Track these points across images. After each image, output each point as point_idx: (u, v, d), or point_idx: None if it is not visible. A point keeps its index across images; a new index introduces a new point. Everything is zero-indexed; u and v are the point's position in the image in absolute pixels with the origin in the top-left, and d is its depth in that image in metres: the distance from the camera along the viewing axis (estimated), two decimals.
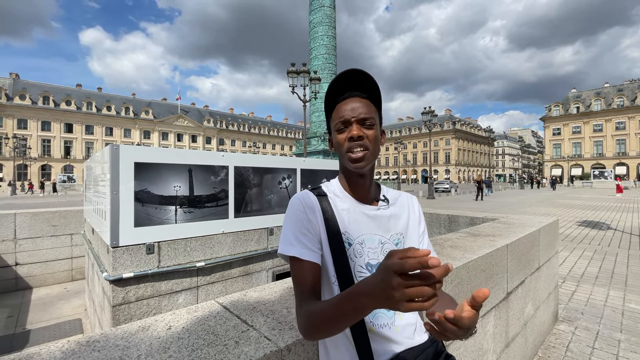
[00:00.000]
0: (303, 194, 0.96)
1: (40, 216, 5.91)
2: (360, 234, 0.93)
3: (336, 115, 0.94)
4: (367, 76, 0.91)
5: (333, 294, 0.89)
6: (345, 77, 0.91)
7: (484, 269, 2.09)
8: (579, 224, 11.15)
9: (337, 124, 0.93)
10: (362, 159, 0.91)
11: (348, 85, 0.92)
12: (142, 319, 1.14)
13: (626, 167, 61.48)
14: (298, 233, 0.89)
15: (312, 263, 0.87)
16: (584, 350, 3.12)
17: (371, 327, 0.90)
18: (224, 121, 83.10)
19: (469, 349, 1.94)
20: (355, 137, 0.90)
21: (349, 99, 0.92)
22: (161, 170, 3.09)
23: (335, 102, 0.95)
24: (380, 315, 0.93)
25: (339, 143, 0.93)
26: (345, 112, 0.92)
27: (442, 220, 4.88)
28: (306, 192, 0.97)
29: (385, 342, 0.91)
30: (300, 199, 0.94)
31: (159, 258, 3.12)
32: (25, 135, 52.88)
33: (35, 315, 4.74)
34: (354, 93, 0.93)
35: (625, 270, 5.75)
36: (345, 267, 0.89)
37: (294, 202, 0.94)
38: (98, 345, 0.96)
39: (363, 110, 0.91)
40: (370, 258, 0.93)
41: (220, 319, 1.14)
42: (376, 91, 0.95)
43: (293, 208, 0.92)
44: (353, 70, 0.90)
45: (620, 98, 63.89)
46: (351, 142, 0.91)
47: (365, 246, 0.93)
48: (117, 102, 69.44)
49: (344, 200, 0.97)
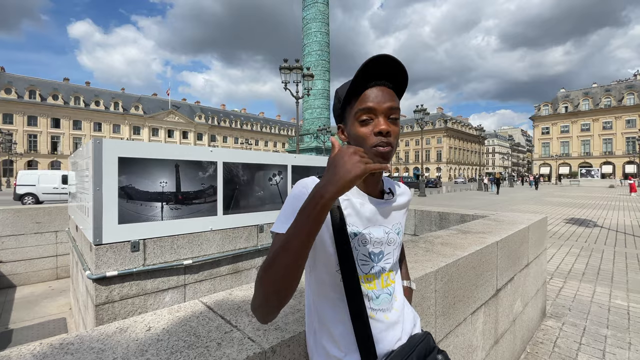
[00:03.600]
0: (310, 179, 0.89)
1: (23, 213, 5.76)
2: (366, 225, 0.91)
3: (359, 103, 0.85)
4: (398, 64, 0.84)
5: (336, 281, 0.87)
6: (377, 63, 0.82)
7: (474, 266, 2.08)
8: (567, 222, 11.34)
9: (359, 113, 0.85)
10: (387, 156, 0.86)
11: (378, 72, 0.84)
12: (121, 320, 1.09)
13: (612, 166, 62.78)
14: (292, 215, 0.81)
15: None
16: (571, 346, 3.16)
17: (371, 314, 0.89)
18: (216, 117, 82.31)
19: (459, 345, 1.94)
20: (385, 133, 0.84)
21: (376, 88, 0.85)
22: (147, 166, 3.01)
23: (358, 88, 0.86)
24: (383, 299, 0.92)
25: (362, 136, 0.86)
26: (371, 101, 0.84)
27: (432, 217, 4.89)
28: (313, 179, 0.89)
29: (387, 326, 0.91)
30: (305, 183, 0.86)
31: (144, 256, 3.05)
32: (10, 130, 51.70)
33: (18, 314, 4.62)
34: (381, 82, 0.86)
35: (612, 267, 5.86)
36: (349, 255, 0.86)
37: (300, 186, 0.85)
38: (72, 348, 0.91)
39: (392, 103, 0.86)
40: (374, 247, 0.92)
41: (203, 320, 1.11)
42: (404, 83, 0.89)
43: (299, 192, 0.84)
44: (386, 57, 0.82)
45: (608, 98, 65.10)
46: (379, 137, 0.84)
47: (372, 236, 0.91)
48: (106, 97, 68.19)
49: (352, 194, 0.93)
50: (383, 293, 0.92)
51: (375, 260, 0.92)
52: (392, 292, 0.95)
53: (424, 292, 1.61)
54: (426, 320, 1.63)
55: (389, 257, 0.96)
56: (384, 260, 0.94)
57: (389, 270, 0.96)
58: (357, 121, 0.87)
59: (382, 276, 0.94)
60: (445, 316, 1.80)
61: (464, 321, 1.98)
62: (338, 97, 0.93)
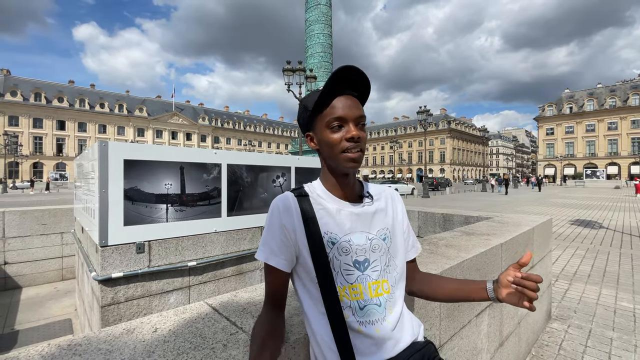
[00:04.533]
0: (281, 196, 0.94)
1: (29, 214, 5.80)
2: (346, 233, 0.92)
3: (329, 112, 0.90)
4: (362, 75, 0.89)
5: (313, 292, 0.90)
6: (344, 74, 0.87)
7: (478, 267, 2.08)
8: (572, 223, 11.25)
9: (331, 121, 0.89)
10: (358, 160, 0.91)
11: (344, 82, 0.89)
12: (128, 321, 1.10)
13: (618, 167, 62.27)
14: (272, 241, 0.90)
15: (278, 270, 0.90)
16: (576, 349, 3.14)
17: (359, 328, 0.88)
18: (219, 119, 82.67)
19: (463, 348, 1.93)
20: (356, 138, 0.89)
21: (344, 97, 0.90)
22: (152, 168, 3.03)
23: (326, 98, 0.91)
24: (371, 311, 0.90)
25: (332, 142, 0.90)
26: (341, 110, 0.89)
27: (436, 219, 4.87)
28: (285, 195, 0.94)
29: (376, 341, 0.89)
30: (276, 203, 0.93)
31: (149, 257, 3.07)
32: (16, 132, 52.19)
33: (24, 315, 4.66)
34: (347, 91, 0.91)
35: (617, 268, 5.81)
36: (325, 266, 0.88)
37: (272, 207, 0.93)
38: (80, 349, 0.92)
39: (358, 111, 0.91)
40: (357, 255, 0.92)
41: (209, 321, 1.11)
42: (367, 92, 0.94)
43: (270, 213, 0.92)
44: (351, 68, 0.87)
45: (613, 98, 64.64)
46: (349, 143, 0.89)
47: (352, 244, 0.91)
48: (111, 99, 68.74)
49: (327, 201, 0.95)
50: (371, 304, 0.90)
51: (360, 269, 0.91)
52: (382, 303, 0.92)
53: None
54: (430, 322, 1.63)
55: (376, 265, 0.94)
56: (370, 269, 0.92)
57: (380, 279, 0.94)
58: (328, 128, 0.91)
59: (370, 286, 0.92)
60: (450, 318, 1.79)
61: (468, 323, 1.98)
62: (304, 107, 0.96)
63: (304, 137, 1.04)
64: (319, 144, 0.96)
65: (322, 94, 0.89)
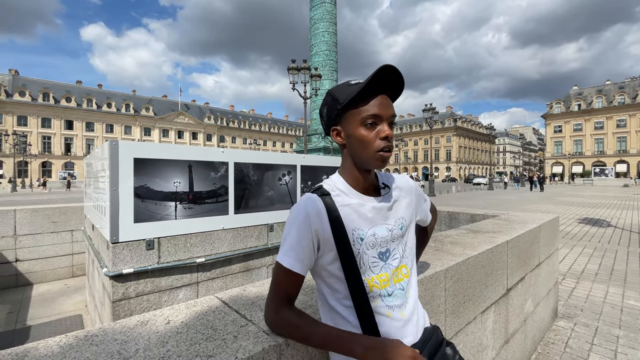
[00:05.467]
0: (308, 201, 0.92)
1: (40, 212, 5.91)
2: (370, 227, 0.94)
3: (365, 108, 0.89)
4: (400, 78, 0.91)
5: (339, 288, 0.93)
6: (386, 75, 0.88)
7: (483, 265, 2.09)
8: (580, 222, 11.15)
9: (366, 118, 0.89)
10: (389, 159, 0.93)
11: (383, 81, 0.89)
12: (141, 314, 1.14)
13: (627, 165, 61.36)
14: (299, 248, 0.89)
15: (300, 276, 0.91)
16: (582, 347, 3.13)
17: (388, 312, 0.93)
18: (225, 118, 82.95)
19: (469, 344, 1.95)
20: (390, 138, 0.90)
21: (381, 96, 0.91)
22: (161, 166, 3.08)
23: (365, 95, 0.90)
24: (397, 296, 0.95)
25: (366, 141, 0.90)
26: (377, 108, 0.89)
27: (442, 217, 4.87)
28: (312, 198, 0.93)
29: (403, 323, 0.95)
30: (305, 207, 0.91)
31: (159, 254, 3.12)
32: (25, 132, 52.91)
33: (35, 311, 4.75)
34: (383, 90, 0.92)
35: (625, 267, 5.76)
36: (353, 263, 0.90)
37: (299, 210, 0.91)
38: (96, 340, 0.95)
39: (392, 110, 0.92)
40: (381, 247, 0.95)
41: (219, 314, 1.14)
42: (399, 94, 0.96)
43: (297, 217, 0.90)
44: (393, 69, 0.87)
45: (621, 95, 63.64)
46: (384, 142, 0.90)
47: (377, 237, 0.94)
48: (118, 99, 69.32)
49: (350, 196, 0.96)
50: (396, 289, 0.95)
51: (383, 259, 0.95)
52: (404, 286, 0.98)
53: (433, 290, 1.63)
54: (436, 318, 1.65)
55: (396, 253, 0.98)
56: (391, 258, 0.97)
57: (400, 265, 0.99)
58: (362, 125, 0.90)
59: (393, 272, 0.97)
60: (455, 315, 1.81)
61: (473, 320, 1.99)
62: (334, 99, 0.94)
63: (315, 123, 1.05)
64: (347, 139, 0.95)
65: (362, 90, 0.88)
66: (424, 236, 1.35)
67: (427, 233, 1.36)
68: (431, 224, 1.34)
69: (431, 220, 1.31)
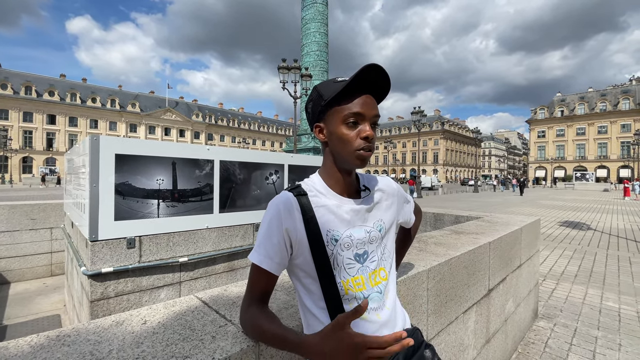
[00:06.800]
0: (281, 198, 0.92)
1: (18, 209, 5.73)
2: (347, 228, 0.93)
3: (348, 106, 0.88)
4: (386, 78, 0.89)
5: (313, 289, 0.91)
6: (371, 74, 0.86)
7: (466, 265, 2.12)
8: (561, 224, 11.43)
9: (348, 116, 0.88)
10: (368, 159, 0.92)
11: (368, 81, 0.88)
12: (117, 314, 1.11)
13: (607, 170, 63.30)
14: (268, 244, 0.89)
15: (269, 273, 0.90)
16: (562, 347, 3.20)
17: (364, 315, 0.90)
18: (213, 116, 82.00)
19: (450, 344, 1.97)
20: (371, 138, 0.89)
21: (366, 95, 0.89)
22: (143, 163, 3.01)
23: (349, 93, 0.88)
24: (374, 299, 0.93)
25: (346, 139, 0.89)
26: (360, 106, 0.87)
27: (428, 218, 4.92)
28: (285, 195, 0.92)
29: (379, 327, 0.93)
30: (277, 204, 0.90)
31: (140, 253, 3.06)
32: (5, 126, 51.23)
33: (12, 310, 4.60)
34: (368, 89, 0.90)
35: (604, 269, 5.93)
36: (326, 264, 0.89)
37: (271, 207, 0.91)
38: (68, 340, 0.93)
39: (375, 110, 0.90)
40: (357, 249, 0.93)
41: (198, 314, 1.12)
42: (384, 95, 0.94)
43: (270, 214, 0.90)
44: (379, 68, 0.86)
45: (603, 103, 65.62)
46: (364, 142, 0.88)
47: (354, 239, 0.93)
48: (103, 94, 67.79)
49: (328, 197, 0.94)
50: (373, 292, 0.94)
51: (360, 261, 0.94)
52: (382, 290, 0.96)
53: (416, 290, 1.64)
54: (418, 318, 1.66)
55: (374, 256, 0.97)
56: (369, 260, 0.95)
57: (378, 268, 0.97)
58: (344, 124, 0.89)
59: (370, 275, 0.95)
60: (437, 314, 1.83)
61: (455, 320, 2.01)
62: (319, 95, 0.92)
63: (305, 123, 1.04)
64: (329, 137, 0.94)
65: (346, 87, 0.86)
66: (407, 237, 1.35)
67: (411, 234, 1.35)
68: (415, 225, 1.33)
69: (415, 222, 1.31)
